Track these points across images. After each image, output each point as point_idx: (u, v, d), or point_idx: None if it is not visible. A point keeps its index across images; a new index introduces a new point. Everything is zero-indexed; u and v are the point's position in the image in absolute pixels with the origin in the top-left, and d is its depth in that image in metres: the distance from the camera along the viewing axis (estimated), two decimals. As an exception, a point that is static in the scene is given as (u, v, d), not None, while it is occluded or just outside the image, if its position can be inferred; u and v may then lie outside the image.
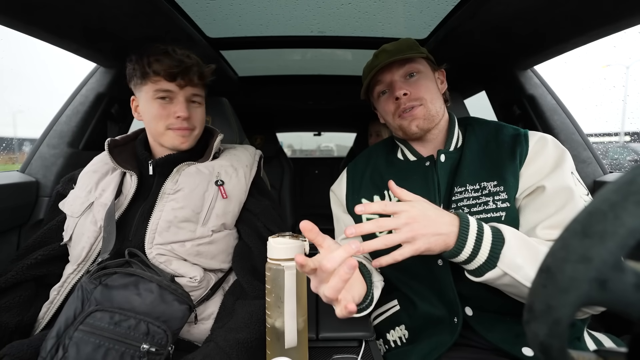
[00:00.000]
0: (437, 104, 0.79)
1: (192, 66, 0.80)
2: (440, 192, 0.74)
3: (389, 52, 0.79)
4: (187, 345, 0.73)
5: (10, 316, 0.69)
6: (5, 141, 1.46)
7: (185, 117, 0.80)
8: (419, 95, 0.77)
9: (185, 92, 0.81)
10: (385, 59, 0.77)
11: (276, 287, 0.58)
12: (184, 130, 0.82)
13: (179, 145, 0.83)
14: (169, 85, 0.79)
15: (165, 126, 0.81)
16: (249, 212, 0.86)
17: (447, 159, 0.77)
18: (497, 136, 0.76)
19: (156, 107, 0.81)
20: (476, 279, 0.59)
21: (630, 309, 0.23)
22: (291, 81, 1.74)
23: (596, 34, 0.92)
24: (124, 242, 0.76)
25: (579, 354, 0.27)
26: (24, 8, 0.77)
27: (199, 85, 0.84)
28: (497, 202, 0.68)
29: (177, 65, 0.78)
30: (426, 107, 0.77)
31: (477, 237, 0.56)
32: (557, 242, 0.24)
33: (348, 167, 0.92)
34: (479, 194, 0.70)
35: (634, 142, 2.44)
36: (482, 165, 0.73)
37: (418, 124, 0.77)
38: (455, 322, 0.68)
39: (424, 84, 0.78)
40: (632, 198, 0.21)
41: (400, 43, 0.81)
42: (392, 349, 0.77)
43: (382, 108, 0.83)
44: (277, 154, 2.52)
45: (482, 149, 0.76)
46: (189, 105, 0.83)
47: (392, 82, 0.79)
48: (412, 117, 0.77)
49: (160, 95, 0.80)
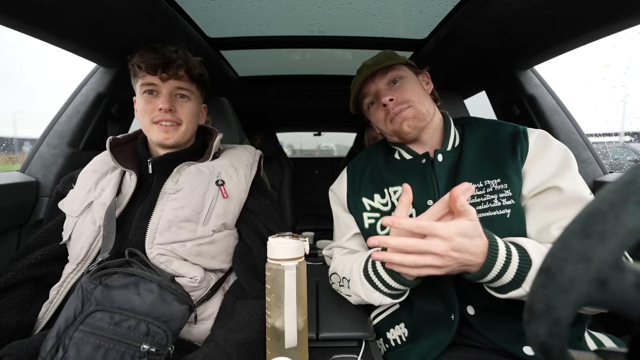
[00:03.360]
0: (425, 104, 0.80)
1: (176, 59, 0.79)
2: (439, 191, 0.74)
3: (370, 65, 0.82)
4: (187, 345, 0.73)
5: (10, 316, 0.69)
6: (5, 141, 1.45)
7: (166, 109, 0.79)
8: (405, 98, 0.79)
9: (169, 85, 0.81)
10: (367, 72, 0.80)
11: (276, 287, 0.58)
12: (167, 125, 0.81)
13: (163, 140, 0.82)
14: (152, 78, 0.80)
15: (150, 119, 0.81)
16: (249, 212, 0.86)
17: (445, 158, 0.77)
18: (496, 134, 0.76)
19: (142, 102, 0.82)
20: (498, 296, 0.59)
21: (630, 309, 0.23)
22: (291, 81, 1.74)
23: (596, 34, 0.92)
24: (123, 241, 0.76)
25: (579, 354, 0.27)
26: (24, 8, 0.77)
27: (185, 79, 0.82)
28: (502, 200, 0.68)
29: (158, 58, 0.78)
30: (415, 107, 0.79)
31: (505, 261, 0.56)
32: (557, 242, 0.24)
33: (348, 166, 0.92)
34: (483, 192, 0.70)
35: (634, 142, 2.44)
36: (484, 163, 0.73)
37: (409, 123, 0.78)
38: (452, 319, 0.69)
39: (409, 87, 0.80)
40: (632, 198, 0.21)
41: (379, 56, 0.84)
42: (392, 348, 0.77)
43: (374, 118, 0.86)
44: (277, 154, 2.52)
45: (482, 147, 0.76)
46: (174, 99, 0.82)
47: (378, 92, 0.82)
48: (402, 118, 0.79)
49: (145, 89, 0.81)
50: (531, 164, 0.70)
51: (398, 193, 0.80)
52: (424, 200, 0.75)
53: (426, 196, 0.75)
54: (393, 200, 0.80)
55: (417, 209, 0.75)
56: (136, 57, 0.80)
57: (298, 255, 0.60)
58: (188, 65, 0.82)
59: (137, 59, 0.80)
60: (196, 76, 0.85)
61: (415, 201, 0.76)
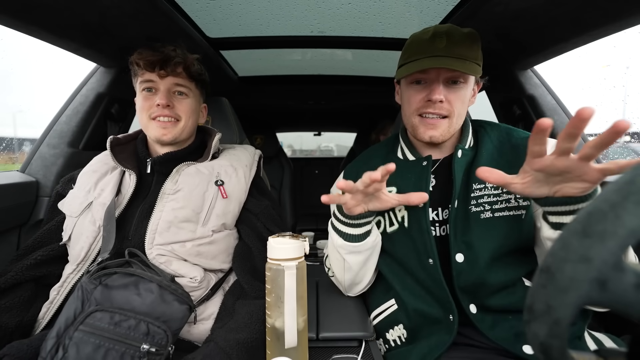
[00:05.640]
0: (461, 119, 0.76)
1: (174, 57, 0.80)
2: (455, 187, 0.72)
3: (450, 44, 0.69)
4: (187, 346, 0.73)
5: (10, 316, 0.69)
6: (5, 141, 1.46)
7: (164, 105, 0.80)
8: (452, 108, 0.72)
9: (167, 82, 0.82)
10: (443, 51, 0.68)
11: (276, 287, 0.58)
12: (165, 121, 0.82)
13: (161, 136, 0.82)
14: (150, 75, 0.81)
15: (149, 116, 0.82)
16: (249, 212, 0.86)
17: (463, 155, 0.76)
18: (510, 139, 0.76)
19: (141, 99, 0.83)
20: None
21: (630, 309, 0.23)
22: (291, 81, 1.74)
23: (596, 34, 0.91)
24: (123, 241, 0.76)
25: (579, 354, 0.27)
26: (24, 8, 0.77)
27: (183, 76, 0.83)
28: (518, 200, 0.69)
29: (156, 55, 0.79)
30: (450, 122, 0.74)
31: None
32: (557, 242, 0.24)
33: (346, 168, 0.92)
34: (499, 191, 0.70)
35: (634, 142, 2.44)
36: (499, 164, 0.72)
37: (432, 135, 0.74)
38: (451, 320, 0.69)
39: (462, 97, 0.73)
40: (632, 198, 0.21)
41: (464, 37, 0.70)
42: (392, 348, 0.77)
43: (408, 96, 0.77)
44: (277, 154, 2.52)
45: (497, 149, 0.75)
46: (172, 95, 0.83)
47: (434, 83, 0.72)
48: (432, 126, 0.73)
49: (144, 86, 0.82)
50: None
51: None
52: None
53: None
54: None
55: (408, 210, 0.76)
56: (135, 55, 0.81)
57: (298, 255, 0.60)
58: (186, 63, 0.82)
59: (135, 57, 0.80)
60: (194, 74, 0.85)
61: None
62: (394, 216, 0.78)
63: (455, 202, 0.72)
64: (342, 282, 0.85)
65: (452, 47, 0.69)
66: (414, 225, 0.74)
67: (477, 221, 0.70)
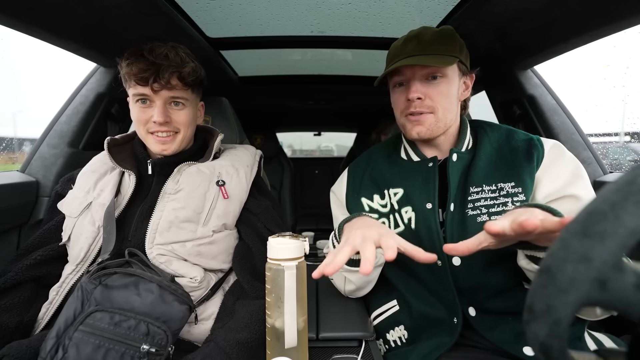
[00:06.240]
0: (450, 114, 0.75)
1: (167, 67, 0.74)
2: (451, 191, 0.73)
3: (421, 44, 0.71)
4: (187, 346, 0.73)
5: (10, 317, 0.69)
6: (5, 141, 1.46)
7: (161, 122, 0.77)
8: (433, 104, 0.73)
9: (162, 95, 0.77)
10: (414, 51, 0.70)
11: (276, 287, 0.58)
12: (164, 136, 0.80)
13: (161, 151, 0.81)
14: (144, 89, 0.76)
15: (146, 130, 0.80)
16: (250, 212, 0.86)
17: (459, 158, 0.76)
18: (509, 141, 0.76)
19: (137, 111, 0.79)
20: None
21: (630, 309, 0.23)
22: (291, 81, 1.74)
23: (596, 34, 0.91)
24: (123, 241, 0.76)
25: (579, 354, 0.27)
26: (24, 8, 0.77)
27: (178, 87, 0.78)
28: (515, 203, 0.68)
29: (147, 69, 0.74)
30: (436, 116, 0.73)
31: None
32: (557, 242, 0.24)
33: (349, 167, 0.92)
34: (497, 195, 0.70)
35: (634, 142, 2.44)
36: (497, 166, 0.73)
37: (419, 131, 0.74)
38: (455, 322, 0.69)
39: (444, 91, 0.73)
40: (632, 198, 0.21)
41: (435, 35, 0.72)
42: (392, 349, 0.77)
43: (394, 100, 0.80)
44: (277, 154, 2.52)
45: (496, 151, 0.75)
46: (168, 108, 0.79)
47: (410, 80, 0.74)
48: (417, 122, 0.74)
49: (138, 98, 0.79)
50: (545, 171, 0.70)
51: (398, 195, 0.79)
52: (424, 203, 0.74)
53: (426, 199, 0.75)
54: (392, 201, 0.79)
55: (416, 212, 0.75)
56: (125, 67, 0.76)
57: (298, 255, 0.60)
58: (181, 73, 0.77)
59: (126, 70, 0.76)
60: (190, 82, 0.80)
61: (414, 203, 0.75)
62: (399, 218, 0.78)
63: (452, 206, 0.72)
64: (342, 290, 0.85)
65: (424, 46, 0.71)
66: (421, 227, 0.74)
67: (473, 224, 0.69)
